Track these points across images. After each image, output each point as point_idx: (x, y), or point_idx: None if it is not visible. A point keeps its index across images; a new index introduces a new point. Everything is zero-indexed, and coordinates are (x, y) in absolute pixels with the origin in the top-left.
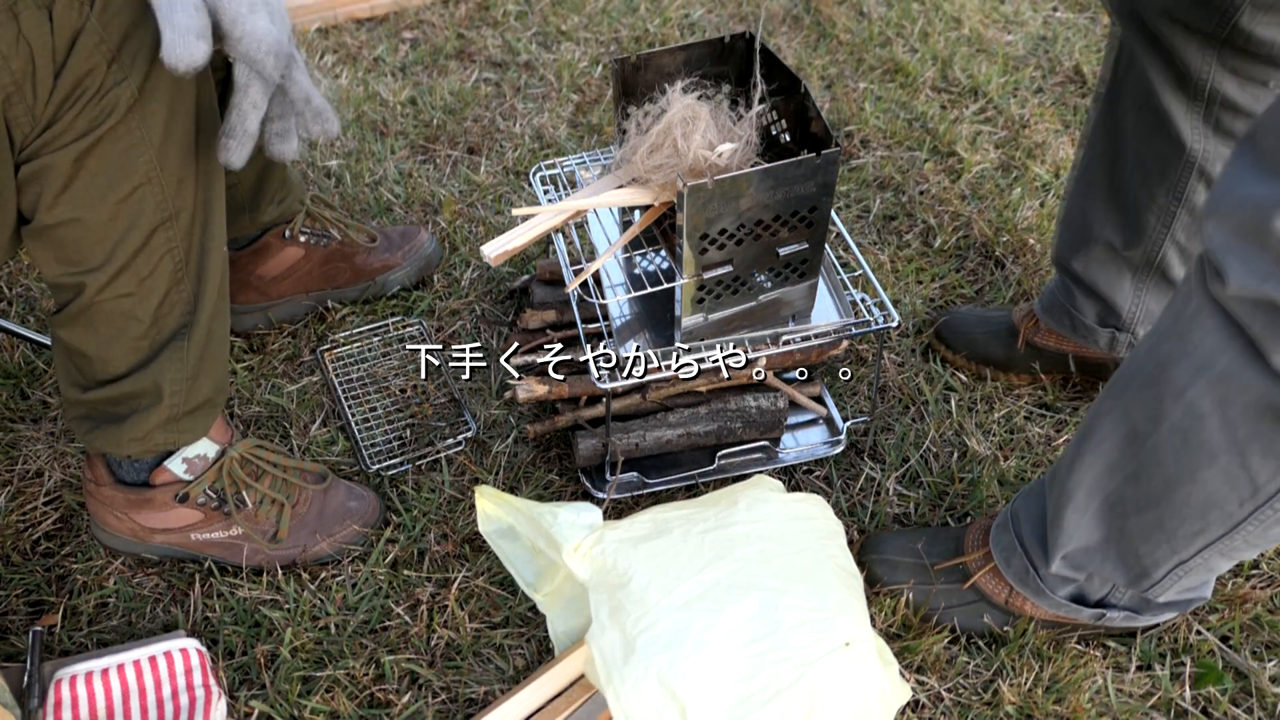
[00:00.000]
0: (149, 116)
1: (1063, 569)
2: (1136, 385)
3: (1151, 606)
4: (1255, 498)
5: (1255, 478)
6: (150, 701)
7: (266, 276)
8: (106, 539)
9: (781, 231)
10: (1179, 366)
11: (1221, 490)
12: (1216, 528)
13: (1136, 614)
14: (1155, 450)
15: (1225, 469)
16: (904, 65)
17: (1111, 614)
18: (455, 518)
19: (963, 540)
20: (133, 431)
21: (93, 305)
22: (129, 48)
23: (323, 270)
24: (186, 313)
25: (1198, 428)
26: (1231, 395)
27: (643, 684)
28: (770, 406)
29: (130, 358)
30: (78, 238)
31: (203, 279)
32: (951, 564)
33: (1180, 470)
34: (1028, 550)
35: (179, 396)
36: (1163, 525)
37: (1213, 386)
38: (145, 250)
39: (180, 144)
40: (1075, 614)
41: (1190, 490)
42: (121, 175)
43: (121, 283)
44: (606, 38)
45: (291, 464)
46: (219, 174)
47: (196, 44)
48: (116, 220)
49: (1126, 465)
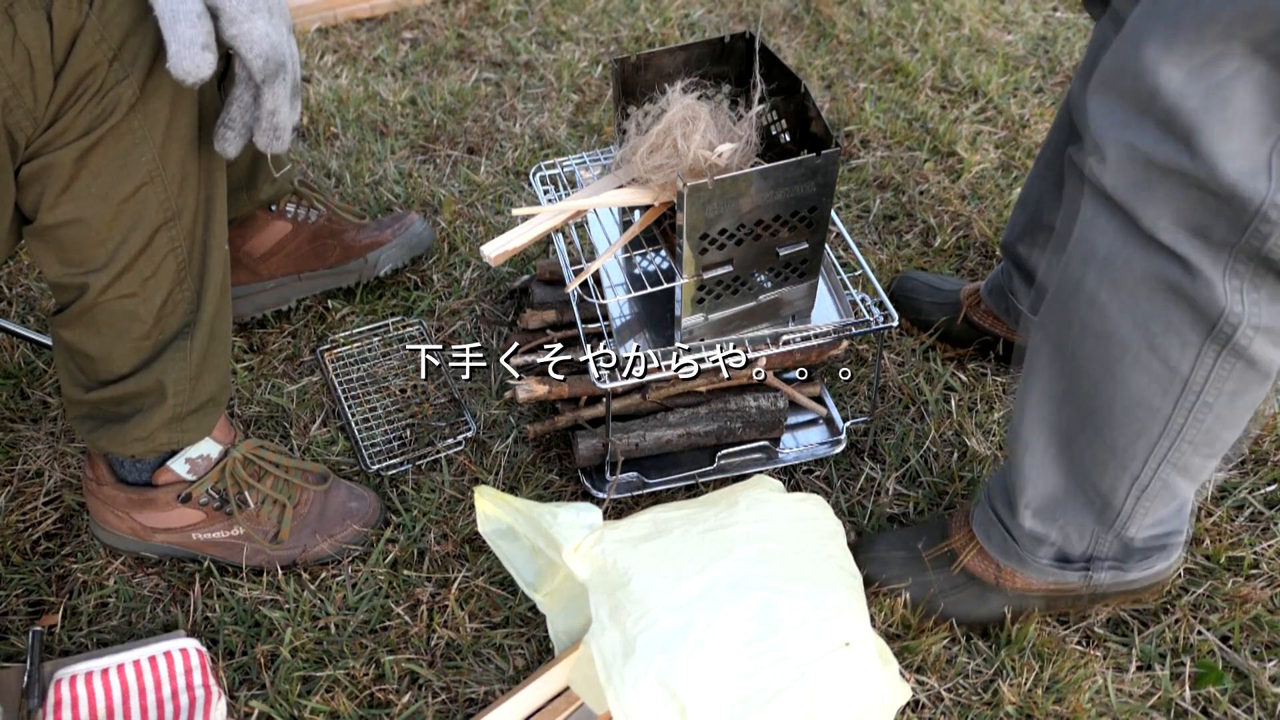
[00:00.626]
0: (151, 115)
1: (1035, 525)
2: (1053, 302)
3: (1134, 553)
4: (1174, 383)
5: (1167, 358)
6: (150, 701)
7: (255, 253)
8: (106, 538)
9: (781, 231)
10: (1075, 264)
11: (1142, 382)
12: (1153, 428)
13: (1122, 566)
14: (1076, 358)
15: (1138, 356)
16: (904, 65)
17: (1098, 573)
18: (455, 518)
19: (948, 526)
20: (136, 431)
21: (95, 306)
22: (130, 46)
23: (312, 247)
24: (190, 311)
25: (1102, 320)
26: (1120, 275)
27: (643, 684)
28: (770, 406)
29: (133, 357)
30: (80, 238)
31: (205, 277)
32: (940, 550)
33: (1101, 371)
34: (1002, 518)
35: (182, 396)
36: (1103, 438)
37: (1103, 272)
38: (148, 250)
39: (183, 142)
40: (1062, 578)
41: (1115, 390)
42: (124, 174)
43: (124, 283)
44: (606, 38)
45: (293, 464)
46: (221, 171)
47: (202, 55)
48: (119, 220)
49: (1059, 385)
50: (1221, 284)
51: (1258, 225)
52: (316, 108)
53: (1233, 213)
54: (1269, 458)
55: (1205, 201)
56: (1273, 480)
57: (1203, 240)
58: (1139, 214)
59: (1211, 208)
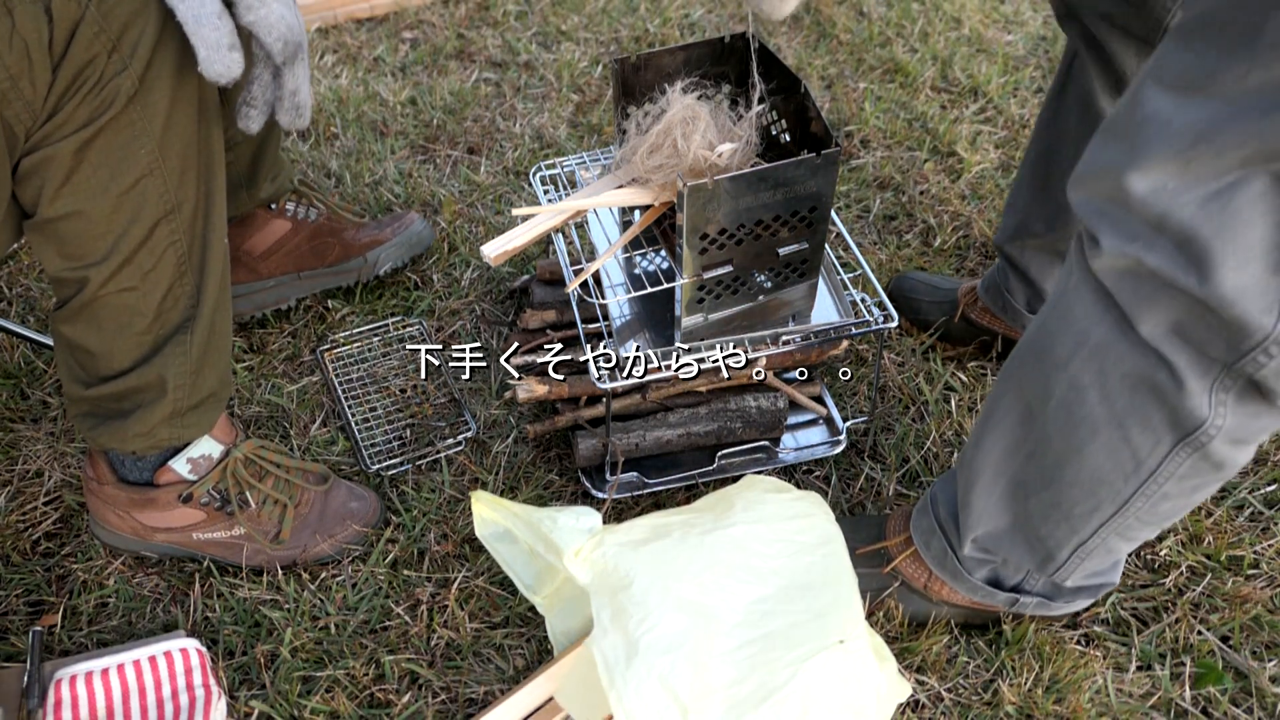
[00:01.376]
0: (150, 107)
1: (974, 552)
2: (1028, 362)
3: (1064, 593)
4: (1139, 473)
5: (1136, 451)
6: (150, 701)
7: (254, 252)
8: (107, 537)
9: (781, 231)
10: (1061, 341)
11: (1107, 466)
12: (1108, 506)
13: (1049, 601)
14: (1045, 427)
15: (1108, 443)
16: (904, 65)
17: (1025, 599)
18: (455, 518)
19: (884, 526)
20: (137, 427)
21: (95, 300)
22: (129, 38)
23: (311, 246)
24: (190, 306)
25: (1080, 402)
26: (1108, 367)
27: (645, 686)
28: (770, 406)
29: (134, 352)
30: (80, 231)
31: (205, 272)
32: (873, 549)
33: (1068, 447)
34: (946, 533)
35: (183, 390)
36: (1059, 504)
37: (1090, 360)
38: (148, 243)
39: (183, 136)
40: (991, 597)
41: (1079, 466)
42: (123, 167)
43: (124, 276)
44: (606, 38)
45: (294, 464)
46: (220, 166)
47: (230, 56)
48: (119, 213)
49: (1024, 445)
50: (1208, 396)
51: (1256, 355)
52: (317, 108)
53: (1233, 338)
54: (1269, 458)
55: (1207, 320)
56: (1273, 480)
57: (1197, 354)
58: (1136, 318)
59: (1213, 328)
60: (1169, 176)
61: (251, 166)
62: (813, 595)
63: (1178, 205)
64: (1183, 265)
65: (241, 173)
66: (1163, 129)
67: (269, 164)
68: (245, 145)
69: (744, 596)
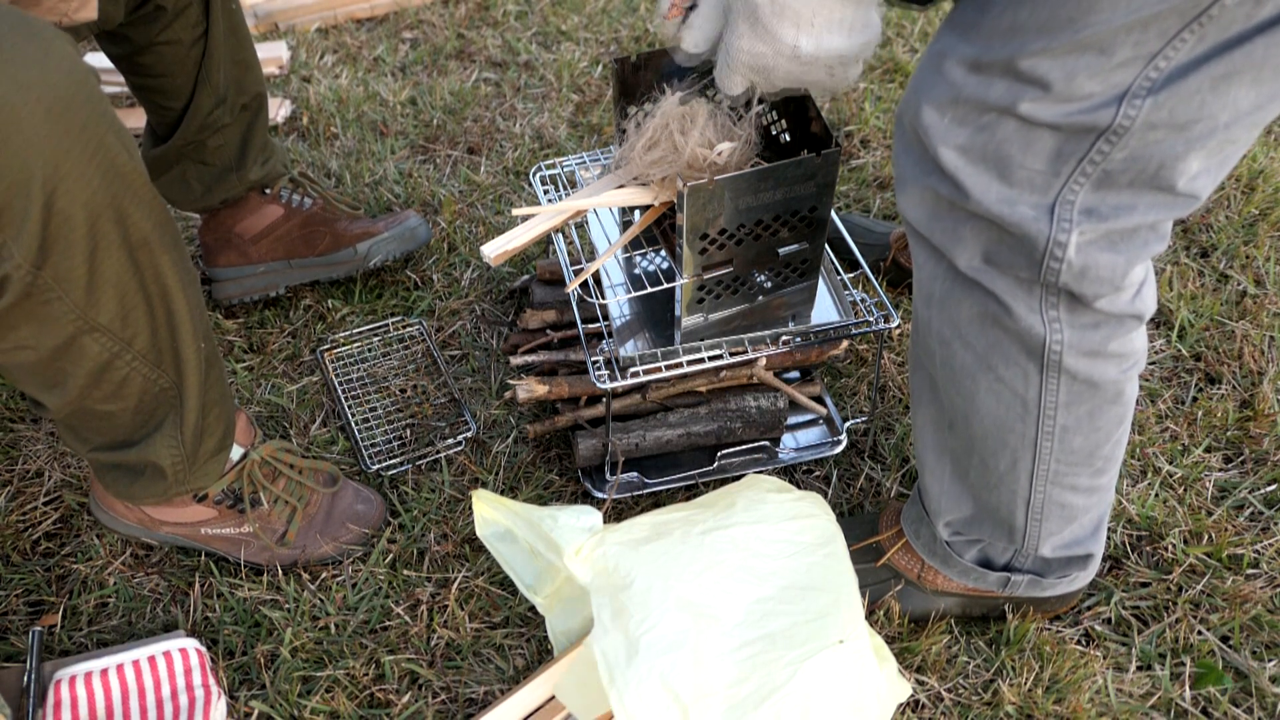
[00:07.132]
0: (63, 276)
1: (954, 539)
2: (915, 332)
3: (1051, 567)
4: (1029, 409)
5: (1014, 387)
6: (150, 701)
7: (246, 235)
8: (109, 521)
9: (781, 231)
10: (920, 303)
11: (999, 410)
12: (1023, 452)
13: (1040, 578)
14: (945, 391)
15: (990, 387)
16: (904, 65)
17: (1017, 578)
18: (455, 518)
19: (877, 522)
20: (142, 492)
21: (70, 416)
22: (9, 221)
23: (303, 233)
24: (172, 399)
25: (952, 355)
26: (954, 314)
27: (646, 685)
28: (770, 406)
29: (126, 435)
30: (22, 378)
31: (181, 370)
32: (865, 543)
33: (965, 402)
34: (933, 520)
35: (180, 468)
36: (986, 464)
37: (941, 311)
38: (101, 381)
39: (116, 284)
40: (983, 579)
41: (980, 418)
42: (46, 334)
43: (91, 400)
44: (606, 38)
45: (307, 465)
46: (178, 281)
47: None
48: (58, 363)
49: (943, 416)
50: (1040, 315)
51: (1049, 263)
52: (317, 108)
53: (1028, 251)
54: (1269, 457)
55: (1007, 242)
56: (1273, 480)
57: (1013, 278)
58: (953, 255)
59: (1013, 248)
60: (945, 106)
61: (240, 149)
62: (813, 596)
63: (952, 134)
64: (960, 188)
65: (230, 157)
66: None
67: (257, 147)
68: (233, 128)
69: (745, 596)
